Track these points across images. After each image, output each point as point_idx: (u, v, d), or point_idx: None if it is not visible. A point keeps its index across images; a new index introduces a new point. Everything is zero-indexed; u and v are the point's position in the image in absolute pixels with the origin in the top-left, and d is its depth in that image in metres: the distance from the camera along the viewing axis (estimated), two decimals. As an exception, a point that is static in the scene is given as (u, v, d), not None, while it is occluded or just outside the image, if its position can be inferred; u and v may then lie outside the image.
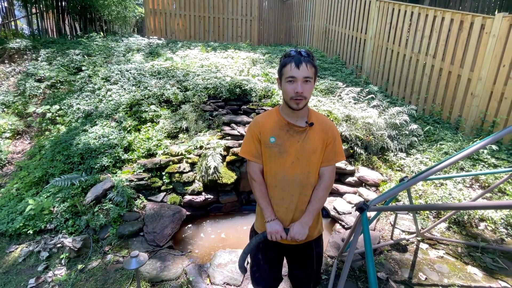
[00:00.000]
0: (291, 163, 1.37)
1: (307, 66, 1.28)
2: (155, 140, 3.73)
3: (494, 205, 1.06)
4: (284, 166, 1.38)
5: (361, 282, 2.30)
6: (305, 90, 1.29)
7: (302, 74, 1.27)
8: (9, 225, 2.74)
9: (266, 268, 1.52)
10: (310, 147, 1.37)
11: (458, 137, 4.04)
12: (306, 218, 1.37)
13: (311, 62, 1.30)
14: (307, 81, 1.29)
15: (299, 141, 1.37)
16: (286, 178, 1.38)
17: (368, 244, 1.27)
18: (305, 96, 1.30)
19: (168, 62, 5.52)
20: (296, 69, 1.27)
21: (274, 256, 1.51)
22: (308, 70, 1.28)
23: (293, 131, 1.38)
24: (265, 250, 1.51)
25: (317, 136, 1.38)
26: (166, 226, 2.87)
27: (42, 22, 7.13)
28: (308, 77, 1.28)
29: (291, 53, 1.32)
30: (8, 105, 4.61)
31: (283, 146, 1.38)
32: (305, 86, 1.28)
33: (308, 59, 1.29)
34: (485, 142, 1.53)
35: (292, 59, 1.29)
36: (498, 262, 2.50)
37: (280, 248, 1.49)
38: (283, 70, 1.32)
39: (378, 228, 3.02)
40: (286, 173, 1.38)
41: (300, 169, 1.37)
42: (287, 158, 1.37)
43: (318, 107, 4.30)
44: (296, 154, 1.36)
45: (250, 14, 8.50)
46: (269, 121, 1.43)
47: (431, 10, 4.70)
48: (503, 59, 3.78)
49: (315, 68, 1.32)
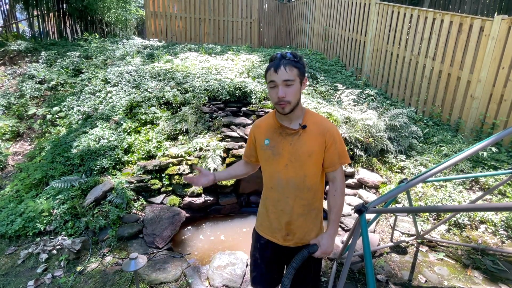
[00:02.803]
0: (284, 166, 1.36)
1: (286, 68, 1.24)
2: (155, 142, 3.73)
3: (494, 207, 1.06)
4: (278, 168, 1.38)
5: (361, 284, 2.29)
6: (287, 93, 1.25)
7: (281, 78, 1.24)
8: (8, 227, 2.74)
9: (263, 267, 1.52)
10: (304, 150, 1.34)
11: (458, 139, 4.04)
12: (332, 229, 1.34)
13: (292, 64, 1.25)
14: (289, 85, 1.25)
15: (291, 143, 1.35)
16: (280, 180, 1.38)
17: (367, 247, 1.26)
18: (288, 101, 1.26)
19: (168, 64, 5.53)
20: (275, 73, 1.24)
21: (271, 256, 1.51)
22: (288, 72, 1.24)
23: (285, 134, 1.37)
24: (262, 250, 1.51)
25: (312, 139, 1.34)
26: (165, 228, 2.86)
27: (43, 24, 7.17)
28: (289, 80, 1.24)
29: (277, 56, 1.29)
30: (8, 107, 4.63)
31: (276, 148, 1.37)
32: (286, 90, 1.25)
33: (287, 61, 1.25)
34: (485, 143, 1.53)
35: (272, 64, 1.27)
36: (498, 264, 2.49)
37: (278, 249, 1.48)
38: (266, 75, 1.31)
39: (377, 230, 3.01)
40: (280, 175, 1.37)
41: (294, 172, 1.35)
42: (280, 161, 1.37)
43: (318, 109, 4.31)
44: (289, 157, 1.35)
45: (250, 17, 8.54)
46: (265, 124, 1.45)
47: (431, 12, 4.71)
48: (502, 61, 3.79)
49: (299, 69, 1.27)
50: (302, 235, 1.43)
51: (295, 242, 1.43)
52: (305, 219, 1.41)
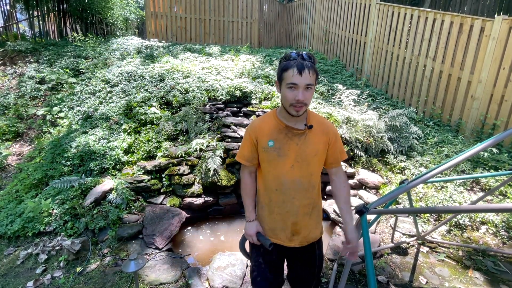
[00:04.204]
0: (290, 166, 1.35)
1: (310, 72, 1.21)
2: (155, 142, 3.72)
3: (494, 208, 1.05)
4: (283, 169, 1.36)
5: (361, 285, 2.28)
6: (306, 97, 1.24)
7: (305, 82, 1.21)
8: (8, 227, 2.74)
9: (267, 271, 1.49)
10: (311, 150, 1.35)
11: (459, 140, 4.03)
12: (351, 222, 1.39)
13: (313, 68, 1.24)
14: (308, 88, 1.24)
15: (298, 144, 1.34)
16: (286, 182, 1.36)
17: (368, 247, 1.25)
18: (305, 103, 1.25)
19: (168, 64, 5.53)
20: (299, 75, 1.20)
21: (276, 259, 1.50)
22: (311, 76, 1.22)
23: (292, 134, 1.35)
24: (266, 254, 1.49)
25: (317, 139, 1.36)
26: (165, 229, 2.86)
27: (43, 24, 7.17)
28: (310, 84, 1.23)
29: (292, 55, 1.25)
30: (8, 107, 4.62)
31: (281, 149, 1.35)
32: (306, 94, 1.23)
33: (310, 65, 1.23)
34: (486, 144, 1.52)
35: (294, 64, 1.21)
36: (499, 265, 2.48)
37: (282, 251, 1.48)
38: (283, 74, 1.25)
39: (378, 231, 3.00)
40: (286, 176, 1.36)
41: (300, 172, 1.35)
42: (286, 162, 1.35)
43: (318, 110, 4.30)
44: (295, 157, 1.34)
45: (251, 17, 8.54)
46: (267, 125, 1.40)
47: (431, 13, 4.70)
48: (503, 61, 3.78)
49: (317, 74, 1.27)
50: (306, 233, 1.44)
51: (300, 241, 1.43)
52: (309, 218, 1.43)
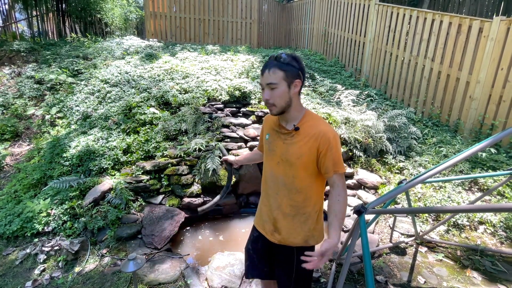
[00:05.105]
0: (277, 163, 1.39)
1: (270, 71, 1.23)
2: (154, 142, 3.72)
3: (493, 208, 1.06)
4: (271, 164, 1.43)
5: (360, 285, 2.29)
6: (272, 97, 1.26)
7: (265, 81, 1.26)
8: (6, 228, 2.73)
9: (255, 258, 1.58)
10: (294, 151, 1.32)
11: (457, 140, 4.04)
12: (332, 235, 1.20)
13: (277, 67, 1.23)
14: (272, 88, 1.24)
15: (284, 143, 1.37)
16: (272, 176, 1.42)
17: (366, 247, 1.26)
18: (272, 103, 1.27)
19: (167, 64, 5.53)
20: (261, 76, 1.28)
21: (261, 248, 1.55)
22: (271, 75, 1.23)
23: (280, 132, 1.40)
24: (254, 242, 1.58)
25: (304, 142, 1.31)
26: (164, 229, 2.86)
27: (42, 24, 7.16)
28: (271, 83, 1.23)
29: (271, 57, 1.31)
30: (7, 107, 4.61)
31: (272, 144, 1.43)
32: (271, 93, 1.26)
33: (274, 64, 1.23)
34: (484, 144, 1.53)
35: (263, 65, 1.29)
36: (497, 265, 2.49)
37: (266, 243, 1.51)
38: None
39: (377, 231, 3.01)
40: (273, 170, 1.42)
41: (284, 171, 1.37)
42: (273, 157, 1.41)
43: (317, 110, 4.31)
44: (280, 155, 1.38)
45: (250, 17, 8.54)
46: (271, 119, 1.50)
47: (430, 13, 4.72)
48: (501, 62, 3.80)
49: (285, 72, 1.23)
50: (287, 235, 1.41)
51: (280, 240, 1.43)
52: (292, 220, 1.39)
